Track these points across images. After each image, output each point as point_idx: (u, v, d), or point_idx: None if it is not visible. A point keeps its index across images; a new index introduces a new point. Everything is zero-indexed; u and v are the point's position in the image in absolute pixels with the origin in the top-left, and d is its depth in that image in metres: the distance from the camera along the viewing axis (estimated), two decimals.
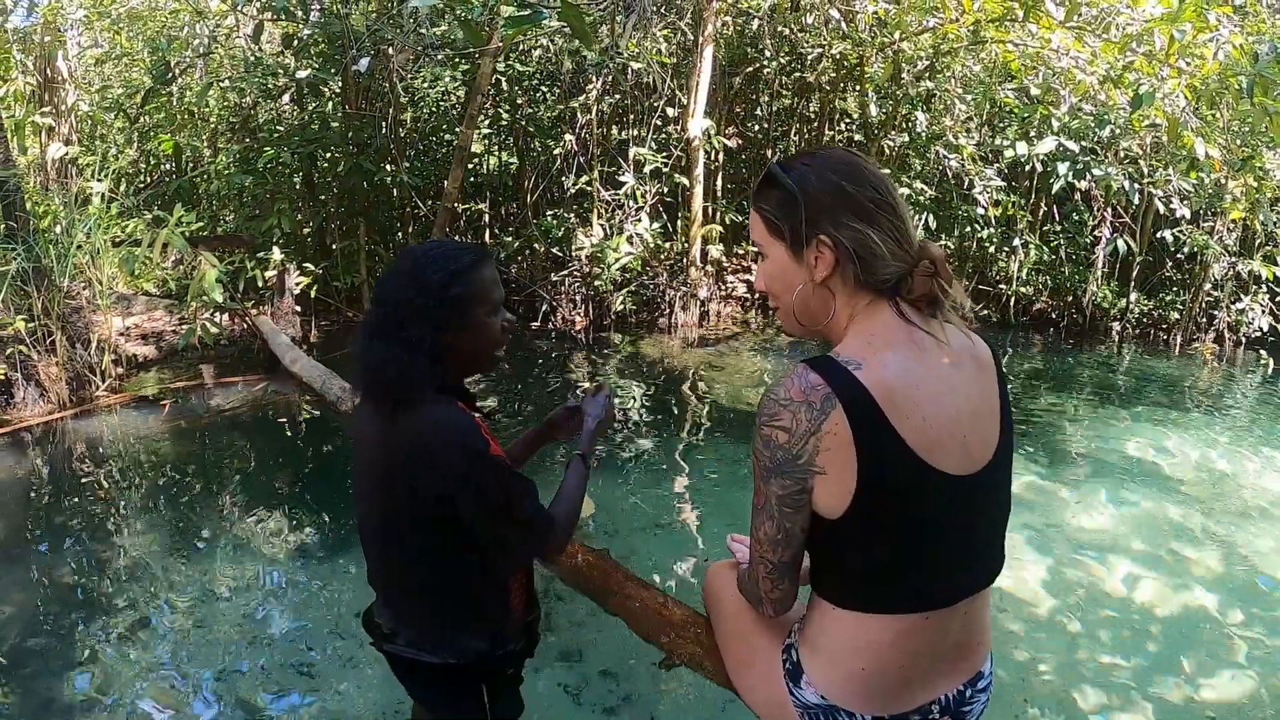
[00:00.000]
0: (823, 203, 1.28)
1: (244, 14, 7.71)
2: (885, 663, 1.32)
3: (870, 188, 1.28)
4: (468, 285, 1.54)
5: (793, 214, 1.30)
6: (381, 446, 1.54)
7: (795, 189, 1.29)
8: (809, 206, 1.28)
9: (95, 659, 2.91)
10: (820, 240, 1.29)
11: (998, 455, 1.33)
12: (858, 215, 1.27)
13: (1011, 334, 8.85)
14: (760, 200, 1.36)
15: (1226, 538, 4.07)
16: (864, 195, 1.28)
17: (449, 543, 1.55)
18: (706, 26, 7.97)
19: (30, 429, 5.12)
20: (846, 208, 1.27)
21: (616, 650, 2.87)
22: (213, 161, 8.87)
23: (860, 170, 1.30)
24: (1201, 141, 5.86)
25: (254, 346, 6.84)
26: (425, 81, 9.41)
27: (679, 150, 8.41)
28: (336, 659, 2.90)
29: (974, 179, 8.30)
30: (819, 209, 1.28)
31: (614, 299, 8.37)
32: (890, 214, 1.29)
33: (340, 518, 4.02)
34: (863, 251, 1.28)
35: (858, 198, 1.27)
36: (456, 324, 1.53)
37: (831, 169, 1.30)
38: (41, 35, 8.69)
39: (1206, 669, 3.01)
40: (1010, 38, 6.70)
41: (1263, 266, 8.10)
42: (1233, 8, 5.67)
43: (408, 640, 1.64)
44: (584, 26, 2.67)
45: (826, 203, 1.28)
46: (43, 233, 5.83)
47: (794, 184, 1.30)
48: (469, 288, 1.54)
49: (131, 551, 3.68)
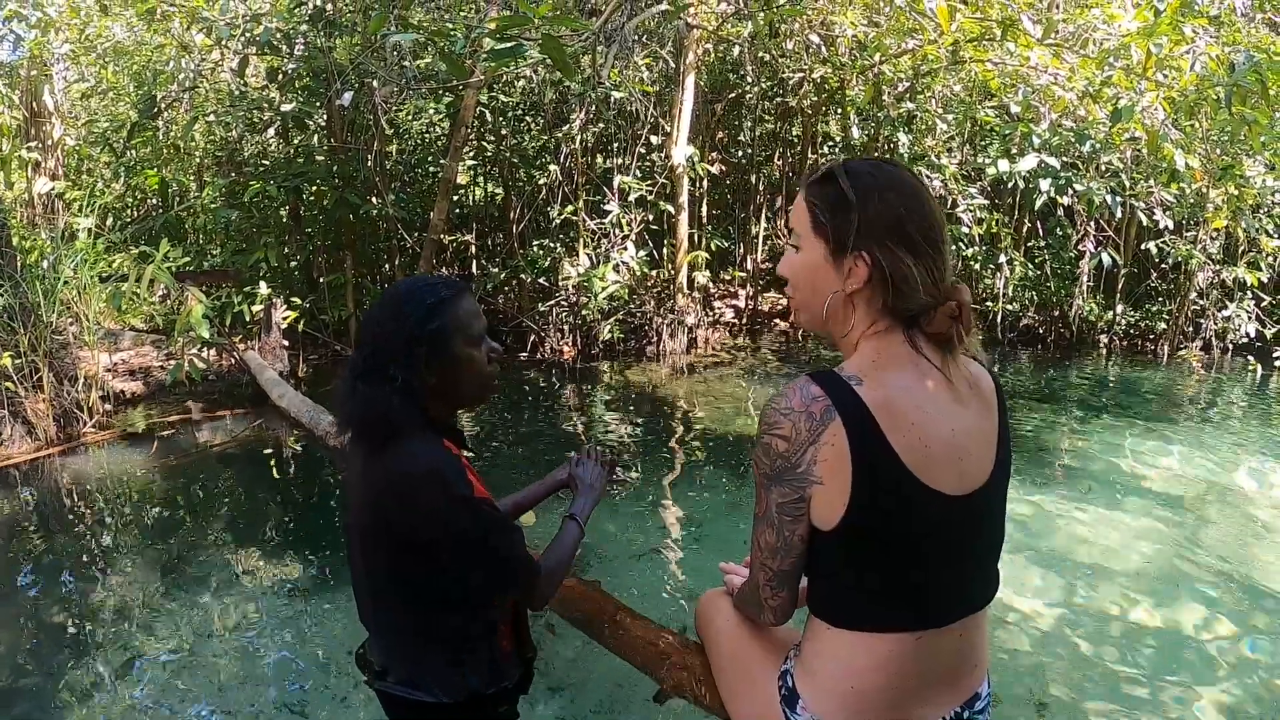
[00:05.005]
0: (876, 222, 1.27)
1: (229, 49, 7.75)
2: (880, 683, 1.31)
3: (926, 223, 1.28)
4: (445, 319, 1.53)
5: (844, 219, 1.29)
6: (368, 486, 1.53)
7: (854, 199, 1.28)
8: (862, 219, 1.27)
9: (85, 698, 2.87)
10: (861, 256, 1.28)
11: (993, 478, 1.33)
12: (905, 245, 1.26)
13: (999, 350, 8.89)
14: (812, 194, 1.34)
15: (1222, 547, 4.07)
16: (917, 229, 1.27)
17: (435, 582, 1.53)
18: (688, 54, 8.05)
19: (17, 466, 5.07)
20: (897, 234, 1.26)
21: (610, 683, 2.85)
22: (199, 196, 8.88)
23: (920, 202, 1.29)
24: (1181, 153, 5.92)
25: (242, 381, 6.82)
26: (409, 114, 9.46)
27: (663, 178, 8.46)
28: (328, 697, 2.86)
29: (957, 198, 8.36)
30: (871, 226, 1.27)
31: (601, 328, 8.37)
32: (935, 252, 1.28)
33: (330, 553, 3.99)
34: (898, 279, 1.27)
35: (910, 231, 1.27)
36: (439, 359, 1.52)
37: (896, 191, 1.28)
38: (27, 70, 8.72)
39: (1206, 680, 3.00)
40: (989, 57, 6.77)
41: (1247, 273, 8.18)
42: (1208, 19, 5.75)
43: (399, 679, 1.61)
44: (564, 58, 2.69)
45: (880, 223, 1.27)
46: (29, 268, 5.81)
47: (854, 194, 1.29)
48: (447, 321, 1.53)
49: (120, 589, 3.64)
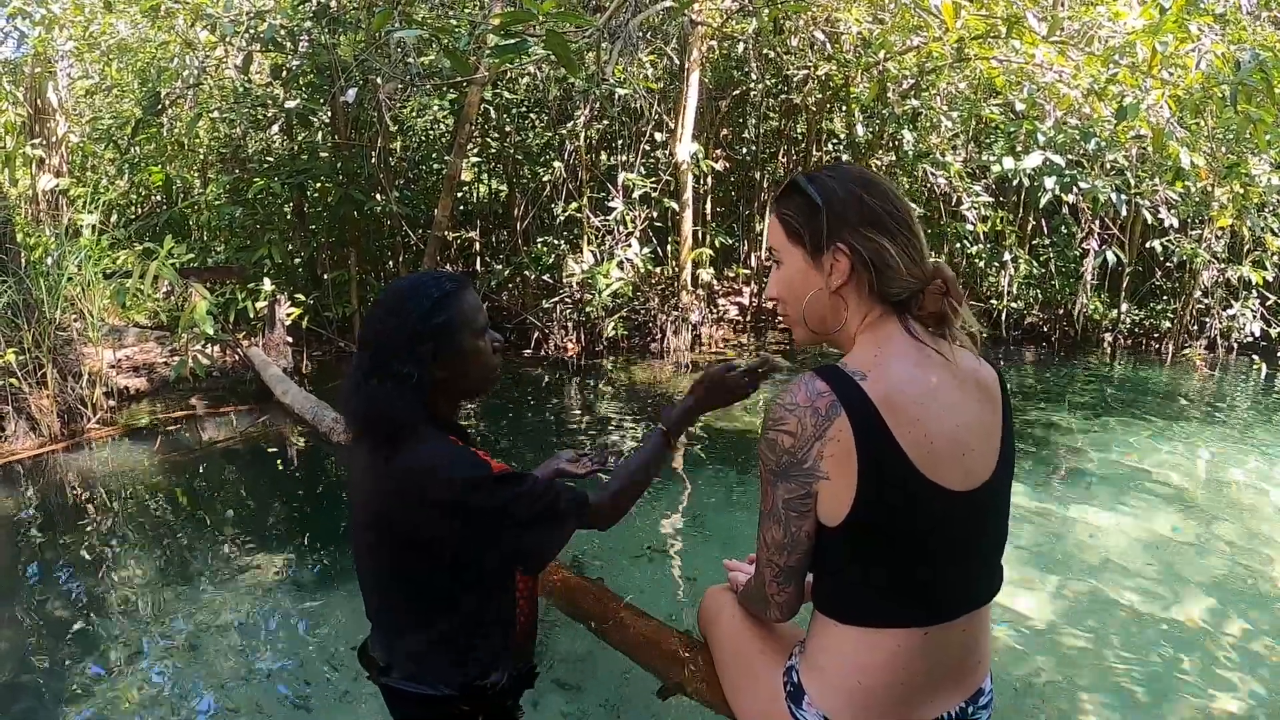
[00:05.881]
0: (844, 212, 1.32)
1: (233, 45, 7.75)
2: (885, 679, 1.32)
3: (889, 203, 1.33)
4: (451, 313, 1.53)
5: (814, 221, 1.34)
6: (375, 483, 1.53)
7: (818, 197, 1.33)
8: (830, 214, 1.32)
9: (88, 694, 2.87)
10: (838, 248, 1.32)
11: (997, 473, 1.34)
12: (876, 227, 1.31)
13: (1004, 349, 8.87)
14: (782, 206, 1.40)
15: (1228, 547, 4.05)
16: (883, 209, 1.32)
17: (442, 578, 1.53)
18: (692, 51, 8.04)
19: (21, 462, 5.08)
20: (866, 219, 1.31)
21: (614, 680, 2.84)
22: (203, 193, 8.88)
23: (880, 187, 1.35)
24: (1186, 151, 5.89)
25: (246, 378, 6.82)
26: (413, 111, 9.46)
27: (667, 175, 8.46)
28: (331, 692, 2.86)
29: (962, 196, 8.35)
30: (840, 218, 1.32)
31: (605, 324, 8.37)
32: (906, 231, 1.33)
33: (333, 549, 3.99)
34: (878, 263, 1.31)
35: (877, 210, 1.31)
36: (445, 353, 1.52)
37: (853, 181, 1.34)
38: (32, 66, 8.72)
39: (1213, 680, 2.99)
40: (994, 54, 6.75)
41: (1252, 272, 8.16)
42: (1214, 17, 5.72)
43: (403, 674, 1.62)
44: (569, 55, 2.68)
45: (847, 212, 1.32)
46: (34, 265, 5.81)
47: (817, 192, 1.34)
48: (453, 315, 1.53)
49: (124, 585, 3.64)
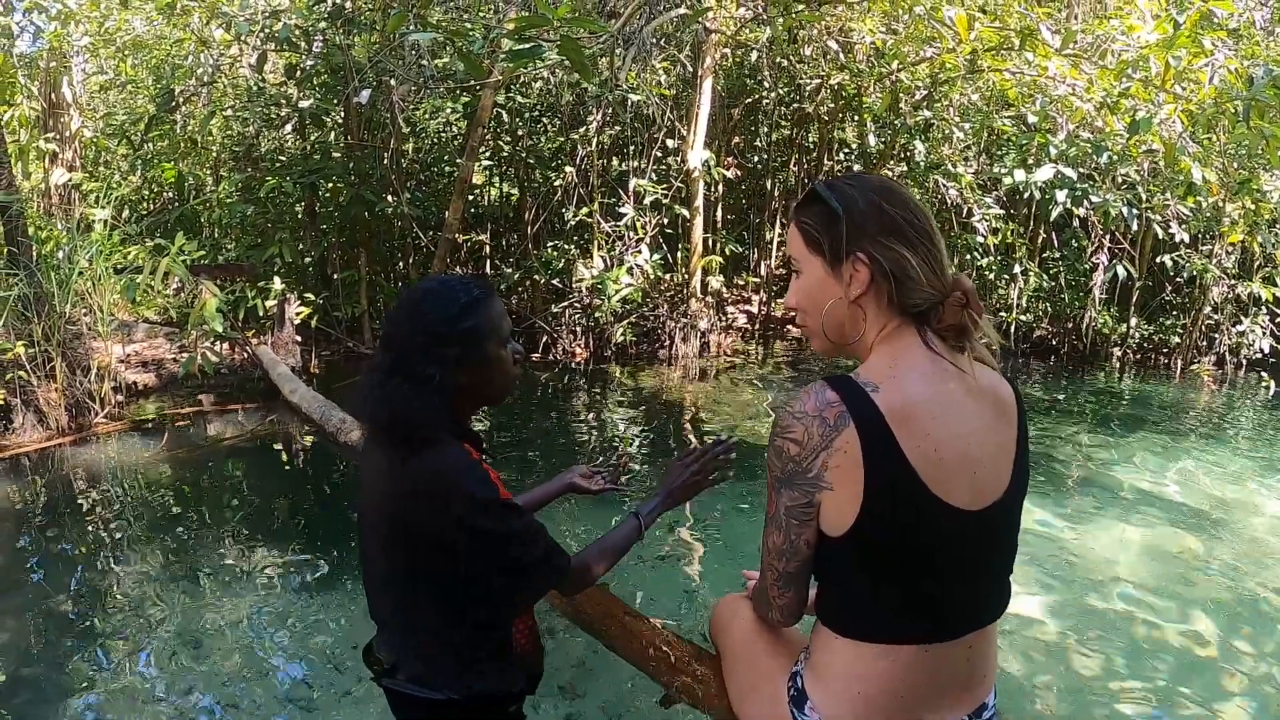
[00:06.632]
0: (864, 221, 1.30)
1: (247, 44, 7.79)
2: (887, 691, 1.31)
3: (910, 213, 1.31)
4: (478, 319, 1.51)
5: (834, 229, 1.32)
6: (391, 486, 1.51)
7: (838, 205, 1.32)
8: (850, 223, 1.31)
9: (90, 689, 2.88)
10: (858, 257, 1.30)
11: (1008, 494, 1.32)
12: (896, 237, 1.29)
13: (1012, 361, 8.85)
14: (801, 214, 1.38)
15: (1233, 564, 4.03)
16: (903, 218, 1.30)
17: (453, 585, 1.52)
18: (705, 58, 8.05)
19: (28, 455, 5.10)
20: (886, 228, 1.30)
21: (616, 687, 2.83)
22: (215, 190, 8.93)
23: (900, 196, 1.33)
24: (1198, 166, 5.89)
25: (254, 376, 6.84)
26: (426, 113, 9.49)
27: (679, 181, 8.46)
28: (334, 693, 2.86)
29: (973, 207, 8.33)
30: (860, 227, 1.30)
31: (614, 330, 8.37)
32: (927, 241, 1.31)
33: (337, 549, 3.99)
34: (898, 273, 1.29)
35: (898, 220, 1.30)
36: (470, 359, 1.50)
37: (874, 189, 1.33)
38: (47, 61, 8.78)
39: (1216, 696, 2.97)
40: (1007, 66, 6.76)
41: (1262, 288, 8.13)
42: (1227, 32, 5.72)
43: (408, 676, 1.60)
44: (583, 60, 2.69)
45: (868, 222, 1.30)
46: (45, 258, 5.84)
47: (837, 201, 1.32)
48: (480, 322, 1.51)
49: (127, 581, 3.65)
